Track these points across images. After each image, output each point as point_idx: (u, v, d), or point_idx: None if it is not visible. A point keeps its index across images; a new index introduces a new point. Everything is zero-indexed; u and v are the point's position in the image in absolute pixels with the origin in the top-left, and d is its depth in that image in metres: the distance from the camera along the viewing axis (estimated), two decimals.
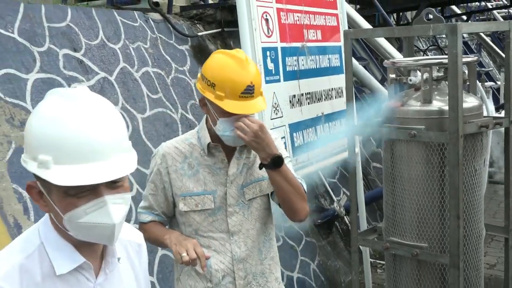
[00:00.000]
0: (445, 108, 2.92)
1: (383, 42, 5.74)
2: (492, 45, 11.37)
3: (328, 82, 4.09)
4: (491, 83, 9.03)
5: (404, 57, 3.69)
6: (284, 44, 3.65)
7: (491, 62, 13.86)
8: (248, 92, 1.96)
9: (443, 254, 3.01)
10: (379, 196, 4.61)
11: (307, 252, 4.74)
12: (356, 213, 3.59)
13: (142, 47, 4.50)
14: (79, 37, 4.03)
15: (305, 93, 3.83)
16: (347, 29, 4.42)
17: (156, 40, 4.70)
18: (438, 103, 3.01)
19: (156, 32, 4.74)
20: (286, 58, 3.66)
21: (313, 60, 3.94)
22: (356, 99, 4.19)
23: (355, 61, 5.48)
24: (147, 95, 4.27)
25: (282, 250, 4.43)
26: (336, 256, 5.06)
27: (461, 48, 2.84)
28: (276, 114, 3.52)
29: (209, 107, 2.04)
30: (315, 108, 3.91)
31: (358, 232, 3.49)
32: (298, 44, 3.80)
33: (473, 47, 13.33)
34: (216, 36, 5.38)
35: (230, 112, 1.96)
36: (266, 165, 2.02)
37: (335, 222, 5.26)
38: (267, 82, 3.44)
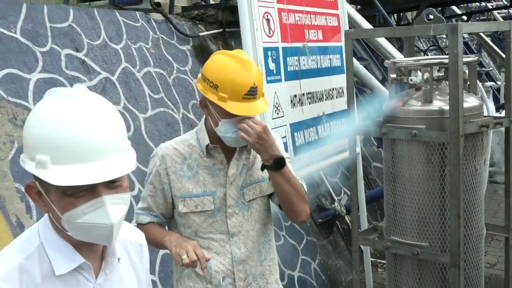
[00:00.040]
0: (446, 107, 2.92)
1: (383, 42, 5.74)
2: (492, 45, 11.37)
3: (329, 82, 4.09)
4: (492, 83, 9.03)
5: (404, 57, 3.68)
6: (285, 44, 3.65)
7: (491, 62, 13.86)
8: (251, 94, 1.94)
9: (443, 253, 3.00)
10: (380, 196, 4.62)
11: (308, 251, 4.74)
12: (357, 213, 3.59)
13: (144, 47, 4.50)
14: (81, 37, 4.04)
15: (306, 93, 3.83)
16: (348, 29, 4.42)
17: (158, 40, 4.70)
18: (439, 103, 3.01)
19: (157, 32, 4.75)
20: (287, 58, 3.65)
21: (314, 60, 3.93)
22: (357, 99, 4.19)
23: (356, 61, 5.48)
24: (149, 95, 4.28)
25: (283, 249, 4.43)
26: (337, 255, 5.06)
27: (462, 48, 2.83)
28: (277, 113, 3.52)
29: (210, 108, 2.01)
30: (316, 108, 3.91)
31: (359, 231, 3.49)
32: (299, 44, 3.80)
33: (473, 48, 13.33)
34: (218, 36, 5.38)
35: (234, 114, 1.94)
36: (268, 166, 2.01)
37: (336, 221, 5.26)
38: (268, 82, 3.44)
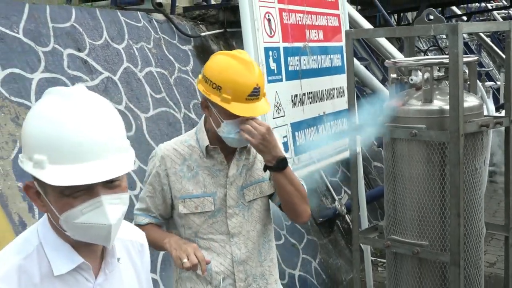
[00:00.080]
0: (446, 107, 2.92)
1: (384, 42, 5.75)
2: (492, 45, 11.37)
3: (330, 82, 4.10)
4: (491, 83, 9.03)
5: (405, 57, 3.68)
6: (286, 44, 3.66)
7: (491, 62, 13.87)
8: (255, 95, 1.93)
9: (443, 252, 3.01)
10: (380, 195, 4.63)
11: (308, 250, 4.75)
12: (358, 212, 3.60)
13: (145, 47, 4.52)
14: (83, 37, 4.05)
15: (307, 93, 3.84)
16: (348, 29, 4.44)
17: (160, 40, 4.72)
18: (439, 103, 3.01)
19: (159, 33, 4.77)
20: (288, 58, 3.66)
21: (315, 60, 3.94)
22: (357, 98, 4.20)
23: (356, 61, 5.49)
24: (151, 94, 4.29)
25: (284, 248, 4.45)
26: (338, 254, 5.07)
27: (462, 47, 2.83)
28: (278, 113, 3.53)
29: (212, 109, 1.99)
30: (317, 108, 3.91)
31: (359, 231, 3.49)
32: (300, 44, 3.81)
33: (473, 48, 13.34)
34: (219, 37, 5.40)
35: (238, 115, 1.92)
36: (271, 167, 2.00)
37: (336, 220, 5.27)
38: (269, 81, 3.45)
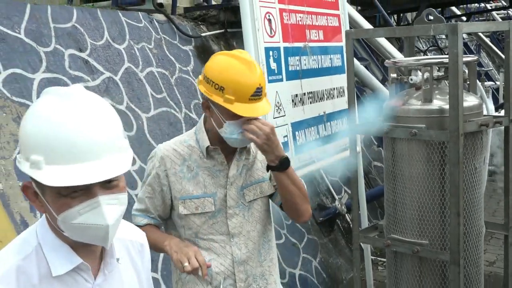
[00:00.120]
0: (446, 107, 2.92)
1: (384, 42, 5.76)
2: (491, 45, 11.39)
3: (330, 82, 4.10)
4: (491, 83, 9.04)
5: (405, 57, 3.67)
6: (287, 44, 3.66)
7: (490, 62, 13.90)
8: (257, 95, 1.93)
9: (443, 251, 3.00)
10: (380, 194, 4.64)
11: (309, 250, 4.76)
12: (358, 211, 3.60)
13: (146, 47, 4.53)
14: (85, 38, 4.07)
15: (307, 93, 3.84)
16: (348, 29, 4.44)
17: (160, 40, 4.73)
18: (439, 102, 3.00)
19: (160, 33, 4.78)
20: (289, 58, 3.66)
21: (315, 60, 3.94)
22: (358, 98, 4.22)
23: (356, 61, 5.51)
24: (152, 94, 4.31)
25: (284, 248, 4.47)
26: (338, 253, 5.09)
27: (462, 47, 2.82)
28: (279, 113, 3.54)
29: (214, 110, 1.98)
30: (317, 107, 3.91)
31: (359, 230, 3.48)
32: (301, 44, 3.81)
33: (472, 48, 13.35)
34: (219, 37, 5.41)
35: (241, 115, 1.92)
36: (274, 167, 2.00)
37: (337, 220, 5.29)
38: (270, 81, 3.45)
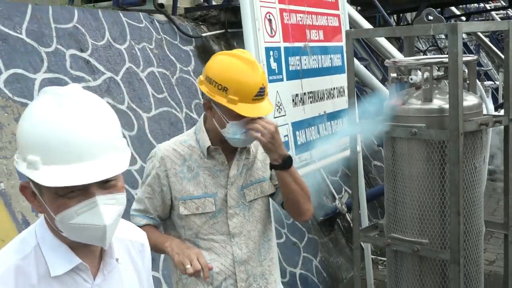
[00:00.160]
0: (446, 106, 2.92)
1: (384, 42, 5.77)
2: (490, 45, 11.40)
3: (330, 82, 4.11)
4: (490, 82, 9.05)
5: (405, 57, 3.68)
6: (287, 44, 3.67)
7: (489, 62, 13.92)
8: (260, 95, 1.92)
9: (443, 250, 3.01)
10: (380, 194, 4.65)
11: (309, 249, 4.77)
12: (358, 210, 3.61)
13: (147, 47, 4.54)
14: (86, 38, 4.08)
15: (308, 92, 3.84)
16: (348, 29, 4.45)
17: (161, 40, 4.74)
18: (439, 102, 3.00)
19: (161, 33, 4.79)
20: (289, 57, 3.66)
21: (315, 60, 3.95)
22: (358, 98, 4.23)
23: (356, 61, 5.52)
24: (153, 94, 4.32)
25: (285, 247, 4.48)
26: (338, 252, 5.10)
27: (461, 47, 2.82)
28: (279, 112, 3.55)
29: (216, 110, 1.96)
30: (318, 107, 3.92)
31: (359, 229, 3.49)
32: (301, 44, 3.82)
33: (472, 48, 13.37)
34: (220, 37, 5.43)
35: (246, 116, 1.90)
36: (277, 165, 1.99)
37: (337, 219, 5.30)
38: (270, 81, 3.45)
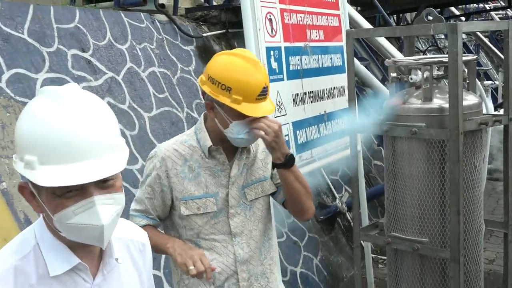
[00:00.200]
0: (446, 105, 2.93)
1: (384, 42, 5.77)
2: (490, 45, 11.41)
3: (331, 81, 4.11)
4: (490, 82, 9.07)
5: (405, 57, 3.69)
6: (288, 44, 3.68)
7: (489, 62, 13.94)
8: (264, 94, 1.92)
9: (443, 248, 3.01)
10: (380, 193, 4.67)
11: (310, 248, 4.78)
12: (358, 209, 3.61)
13: (148, 47, 4.56)
14: (87, 38, 4.09)
15: (308, 92, 3.85)
16: (349, 29, 4.47)
17: (162, 40, 4.76)
18: (439, 101, 3.01)
19: (162, 33, 4.81)
20: (290, 57, 3.67)
21: (315, 60, 3.95)
22: (358, 98, 4.24)
23: (356, 61, 5.53)
24: (154, 94, 4.33)
25: (286, 246, 4.49)
26: (338, 251, 5.11)
27: (461, 46, 2.83)
28: (280, 112, 3.55)
29: (219, 110, 1.95)
30: (318, 107, 3.92)
31: (360, 228, 3.49)
32: (301, 44, 3.83)
33: (471, 48, 13.38)
34: (221, 37, 5.44)
35: (250, 115, 1.90)
36: (280, 164, 2.00)
37: (337, 218, 5.31)
38: (271, 81, 3.43)
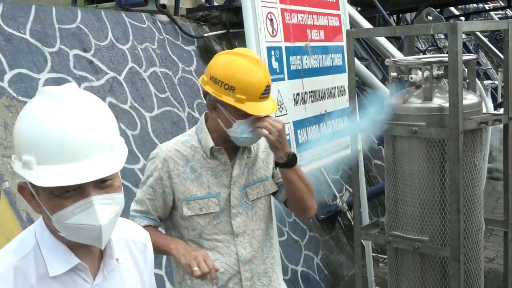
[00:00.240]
0: (446, 105, 2.93)
1: (384, 42, 5.78)
2: (490, 45, 11.42)
3: (331, 81, 4.12)
4: (489, 82, 9.08)
5: (405, 56, 3.69)
6: (288, 44, 3.68)
7: (488, 62, 13.95)
8: (267, 92, 1.92)
9: (444, 247, 3.01)
10: (381, 192, 4.69)
11: (310, 247, 4.79)
12: (359, 208, 3.63)
13: (150, 47, 4.57)
14: (89, 38, 4.11)
15: (309, 91, 3.86)
16: (349, 28, 4.48)
17: (164, 41, 4.77)
18: (439, 100, 3.01)
19: (163, 33, 4.82)
20: (290, 57, 3.68)
21: (316, 59, 3.96)
22: (358, 97, 4.25)
23: (357, 61, 5.54)
24: (155, 94, 4.35)
25: (287, 245, 4.50)
26: (339, 250, 5.12)
27: (461, 46, 2.83)
28: (281, 111, 3.56)
29: (222, 110, 1.94)
30: (319, 106, 3.93)
31: (360, 227, 3.50)
32: (302, 44, 3.84)
33: (471, 48, 13.40)
34: (222, 37, 5.45)
35: (254, 114, 1.90)
36: (283, 163, 2.00)
37: (338, 217, 5.32)
38: (272, 80, 3.48)
